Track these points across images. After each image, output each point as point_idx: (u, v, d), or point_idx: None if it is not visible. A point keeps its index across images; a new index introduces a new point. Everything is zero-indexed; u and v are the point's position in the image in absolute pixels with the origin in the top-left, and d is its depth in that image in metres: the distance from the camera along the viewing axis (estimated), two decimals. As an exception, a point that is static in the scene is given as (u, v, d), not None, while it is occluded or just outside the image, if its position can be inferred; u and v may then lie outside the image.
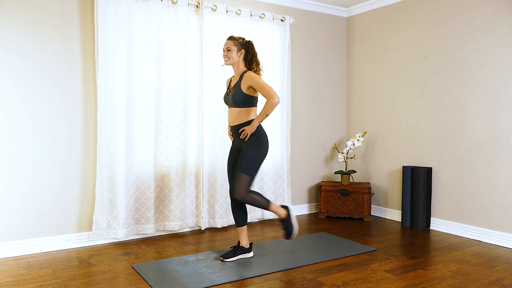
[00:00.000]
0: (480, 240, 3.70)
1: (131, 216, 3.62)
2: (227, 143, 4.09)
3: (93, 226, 3.45)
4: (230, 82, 3.22)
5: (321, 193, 4.58)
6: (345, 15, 5.05)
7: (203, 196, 3.97)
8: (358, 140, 4.60)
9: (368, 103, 4.83)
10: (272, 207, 3.06)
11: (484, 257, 3.24)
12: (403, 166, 4.25)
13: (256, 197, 3.00)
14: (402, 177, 4.23)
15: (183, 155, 3.88)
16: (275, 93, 2.92)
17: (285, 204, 3.37)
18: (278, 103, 2.94)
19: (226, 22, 4.05)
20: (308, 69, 4.80)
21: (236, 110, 3.06)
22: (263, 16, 4.28)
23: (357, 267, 3.00)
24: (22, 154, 3.26)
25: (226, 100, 3.15)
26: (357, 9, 4.90)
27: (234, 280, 2.72)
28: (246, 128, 3.01)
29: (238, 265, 3.01)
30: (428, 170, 4.07)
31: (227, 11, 4.05)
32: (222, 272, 2.86)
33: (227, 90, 3.18)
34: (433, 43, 4.10)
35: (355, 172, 4.77)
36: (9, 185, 3.22)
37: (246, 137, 3.01)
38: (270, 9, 4.46)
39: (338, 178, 5.03)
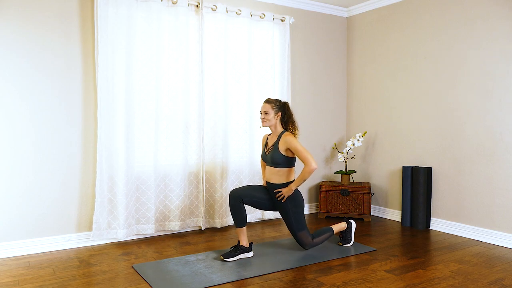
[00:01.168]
0: (480, 240, 3.70)
1: (131, 216, 3.62)
2: (227, 143, 4.09)
3: (93, 226, 3.45)
4: (267, 140, 3.35)
5: (321, 193, 4.58)
6: (345, 15, 5.05)
7: (203, 196, 3.97)
8: (358, 140, 4.60)
9: (368, 103, 4.83)
10: (336, 229, 3.44)
11: (484, 257, 3.24)
12: (403, 166, 4.25)
13: (321, 237, 3.34)
14: (402, 177, 4.23)
15: (183, 155, 3.88)
16: (312, 158, 3.07)
17: (350, 220, 3.60)
18: (316, 169, 3.09)
19: (226, 22, 4.05)
20: (308, 69, 4.80)
21: (275, 169, 3.22)
22: (263, 16, 4.28)
23: (357, 267, 3.00)
24: (22, 154, 3.26)
25: (265, 158, 3.30)
26: (357, 9, 4.90)
27: (234, 280, 2.72)
28: (284, 191, 3.18)
29: (238, 265, 3.01)
30: (428, 170, 4.07)
31: (227, 11, 4.05)
32: (222, 272, 2.86)
33: (265, 148, 3.32)
34: (433, 43, 4.10)
35: (355, 172, 4.77)
36: (9, 185, 3.22)
37: (283, 199, 3.18)
38: (270, 9, 4.46)
39: (338, 178, 5.03)
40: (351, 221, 3.56)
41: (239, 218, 3.13)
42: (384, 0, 4.56)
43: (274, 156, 3.17)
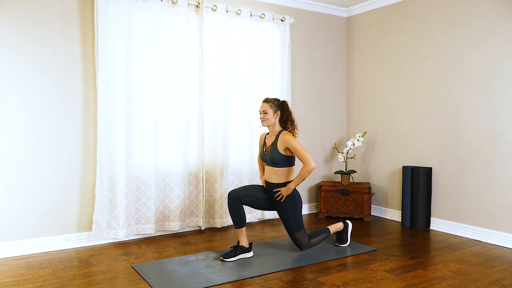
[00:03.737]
0: (480, 240, 3.70)
1: (131, 216, 3.62)
2: (227, 143, 4.09)
3: (93, 226, 3.45)
4: (265, 139, 3.33)
5: (321, 193, 4.58)
6: (345, 15, 5.05)
7: (203, 196, 3.97)
8: (358, 140, 4.60)
9: (368, 103, 4.83)
10: (333, 229, 3.43)
11: (484, 257, 3.24)
12: (403, 166, 4.25)
13: (317, 238, 3.32)
14: (402, 177, 4.23)
15: (183, 155, 3.88)
16: (311, 157, 3.05)
17: (347, 221, 3.58)
18: (315, 168, 3.08)
19: (226, 22, 4.05)
20: (308, 69, 4.80)
21: (274, 169, 3.20)
22: (263, 16, 4.28)
23: (357, 267, 3.00)
24: (22, 154, 3.26)
25: (264, 158, 3.28)
26: (357, 9, 4.90)
27: (234, 280, 2.72)
28: (282, 190, 3.16)
29: (238, 265, 3.01)
30: (428, 170, 4.07)
31: (227, 11, 4.05)
32: (222, 272, 2.86)
33: (263, 148, 3.29)
34: (433, 43, 4.10)
35: (355, 172, 4.77)
36: (9, 185, 3.22)
37: (282, 198, 3.17)
38: (270, 9, 4.46)
39: (338, 178, 5.03)
40: (348, 221, 3.56)
41: (238, 219, 3.13)
42: (384, 0, 4.56)
43: (273, 156, 3.16)
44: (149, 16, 3.67)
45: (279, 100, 3.25)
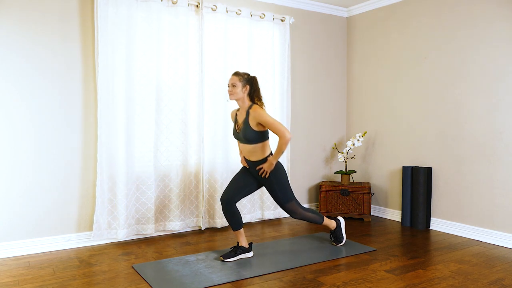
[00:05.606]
0: (480, 240, 3.70)
1: (132, 216, 3.63)
2: (227, 143, 4.09)
3: (94, 226, 3.45)
4: (236, 116, 3.22)
5: (321, 193, 4.58)
6: (345, 15, 5.05)
7: (203, 196, 3.97)
8: (358, 140, 4.60)
9: (368, 103, 4.83)
10: (326, 221, 3.41)
11: (484, 257, 3.24)
12: (403, 166, 4.25)
13: (310, 214, 3.30)
14: (402, 177, 4.23)
15: (183, 155, 3.88)
16: (285, 129, 2.97)
17: (338, 218, 3.58)
18: (290, 138, 3.01)
19: (226, 22, 4.05)
20: (308, 69, 4.80)
21: (250, 146, 3.11)
22: (263, 16, 4.28)
23: (357, 267, 3.00)
24: (22, 154, 3.26)
25: (237, 136, 3.18)
26: (357, 9, 4.90)
27: (234, 280, 2.72)
28: (265, 166, 3.09)
29: (238, 265, 3.01)
30: (428, 170, 4.07)
31: (227, 11, 4.05)
32: (222, 272, 2.86)
33: (235, 125, 3.20)
34: (433, 43, 4.10)
35: (355, 172, 4.77)
36: (9, 185, 3.22)
37: (266, 174, 3.12)
38: (270, 9, 4.46)
39: (338, 178, 5.03)
40: (339, 218, 3.53)
41: (234, 222, 3.11)
42: (384, 0, 4.56)
43: (246, 133, 3.05)
44: (149, 16, 3.67)
45: (249, 74, 3.15)
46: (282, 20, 4.43)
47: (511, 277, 2.81)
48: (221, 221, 4.06)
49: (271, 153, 3.17)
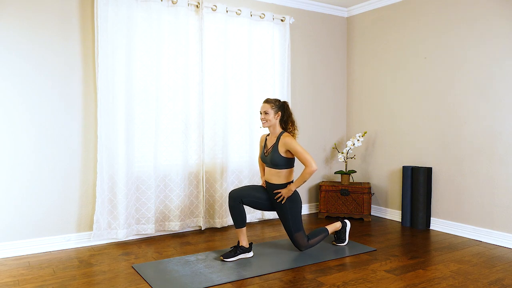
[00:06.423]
0: (480, 240, 3.70)
1: (131, 216, 3.63)
2: (227, 143, 4.09)
3: (94, 226, 3.45)
4: (265, 141, 3.32)
5: (321, 193, 4.58)
6: (345, 15, 5.05)
7: (203, 196, 3.97)
8: (358, 140, 4.60)
9: (368, 103, 4.83)
10: (331, 229, 3.46)
11: (484, 257, 3.24)
12: (403, 166, 4.25)
13: (316, 239, 3.33)
14: (402, 177, 4.23)
15: (183, 155, 3.88)
16: (312, 159, 3.07)
17: (345, 220, 3.63)
18: (316, 170, 3.10)
19: (226, 22, 4.05)
20: (308, 69, 4.80)
21: (275, 171, 3.20)
22: (263, 16, 4.28)
23: (357, 267, 3.00)
24: (22, 154, 3.26)
25: (264, 160, 3.28)
26: (357, 9, 4.90)
27: (234, 280, 2.72)
28: (283, 192, 3.17)
29: (238, 265, 3.01)
30: (428, 170, 4.07)
31: (227, 11, 4.05)
32: (222, 272, 2.86)
33: (264, 150, 3.29)
34: (433, 43, 4.10)
35: (355, 172, 4.77)
36: (9, 185, 3.22)
37: (282, 200, 3.17)
38: (270, 9, 4.46)
39: (338, 178, 5.03)
40: (346, 221, 3.57)
41: (239, 219, 3.13)
42: (384, 0, 4.56)
43: (274, 158, 3.16)
44: (149, 16, 3.67)
45: (280, 100, 3.25)
46: (282, 20, 4.43)
47: (511, 277, 2.81)
48: (221, 221, 4.06)
49: (292, 181, 3.24)
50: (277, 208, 3.27)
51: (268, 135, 3.35)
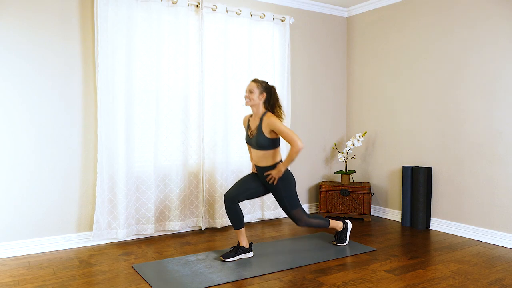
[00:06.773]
0: (480, 240, 3.70)
1: (131, 216, 3.63)
2: (227, 143, 4.09)
3: (94, 226, 3.45)
4: (249, 122, 3.26)
5: (321, 193, 4.58)
6: (345, 15, 5.05)
7: (203, 196, 3.97)
8: (358, 140, 4.60)
9: (368, 103, 4.83)
10: (332, 224, 3.43)
11: (484, 257, 3.24)
12: (403, 166, 4.25)
13: (316, 220, 3.32)
14: (402, 177, 4.23)
15: (183, 155, 3.88)
16: (298, 138, 2.99)
17: (347, 221, 3.60)
18: (302, 148, 3.01)
19: (226, 22, 4.05)
20: (308, 69, 4.80)
21: (261, 152, 3.14)
22: (263, 16, 4.28)
23: (357, 267, 3.00)
24: (22, 154, 3.26)
25: (249, 142, 3.22)
26: (357, 9, 4.90)
27: (234, 280, 2.72)
28: (273, 173, 3.11)
29: (238, 265, 3.01)
30: (428, 170, 4.07)
31: (227, 11, 4.05)
32: (222, 272, 2.86)
33: (248, 131, 3.23)
34: (433, 43, 4.10)
35: (355, 172, 4.77)
36: (9, 185, 3.22)
37: (274, 181, 3.13)
38: (270, 9, 4.46)
39: (338, 178, 5.03)
40: (348, 221, 3.56)
41: (236, 220, 3.12)
42: (384, 0, 4.56)
43: (258, 139, 3.09)
44: (149, 16, 3.67)
45: (267, 82, 3.18)
46: (282, 20, 4.43)
47: (511, 277, 2.81)
48: (221, 221, 4.06)
49: (281, 161, 3.19)
50: (271, 190, 3.23)
51: (251, 116, 3.26)
